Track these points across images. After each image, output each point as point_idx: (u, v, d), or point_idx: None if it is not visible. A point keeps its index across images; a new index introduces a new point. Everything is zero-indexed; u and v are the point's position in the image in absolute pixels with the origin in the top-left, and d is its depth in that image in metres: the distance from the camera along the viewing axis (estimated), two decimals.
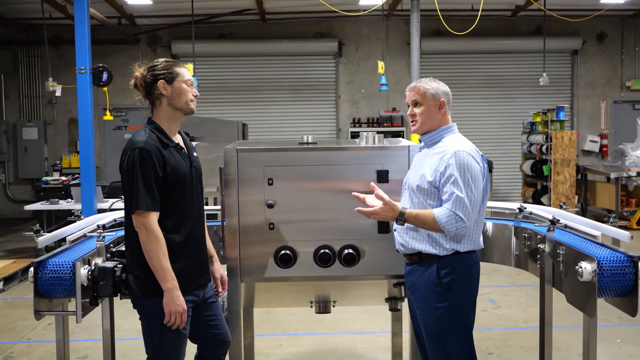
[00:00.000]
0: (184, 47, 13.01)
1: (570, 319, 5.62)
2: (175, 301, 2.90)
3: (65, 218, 9.08)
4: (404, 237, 3.11)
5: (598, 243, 3.25)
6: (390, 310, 3.76)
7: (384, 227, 3.39)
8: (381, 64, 10.57)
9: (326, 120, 14.07)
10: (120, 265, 3.04)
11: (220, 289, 3.36)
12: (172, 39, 13.49)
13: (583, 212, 11.64)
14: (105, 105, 9.87)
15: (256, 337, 4.75)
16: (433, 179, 2.99)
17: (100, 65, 8.25)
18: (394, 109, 13.63)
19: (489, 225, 4.08)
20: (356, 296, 3.89)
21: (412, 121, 3.17)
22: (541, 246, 3.51)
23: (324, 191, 3.38)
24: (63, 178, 10.39)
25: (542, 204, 10.09)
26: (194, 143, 8.57)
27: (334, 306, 3.86)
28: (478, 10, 10.50)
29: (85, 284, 3.05)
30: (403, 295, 3.57)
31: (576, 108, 14.13)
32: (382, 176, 3.36)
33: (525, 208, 3.89)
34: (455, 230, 2.92)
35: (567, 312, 5.14)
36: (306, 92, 14.00)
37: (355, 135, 13.06)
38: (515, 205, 4.01)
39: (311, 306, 3.87)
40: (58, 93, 9.83)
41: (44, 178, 10.49)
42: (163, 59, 3.12)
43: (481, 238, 3.12)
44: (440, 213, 2.93)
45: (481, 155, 3.08)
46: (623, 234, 3.29)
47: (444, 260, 3.02)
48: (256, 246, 3.40)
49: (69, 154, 13.69)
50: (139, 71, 3.07)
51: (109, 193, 9.63)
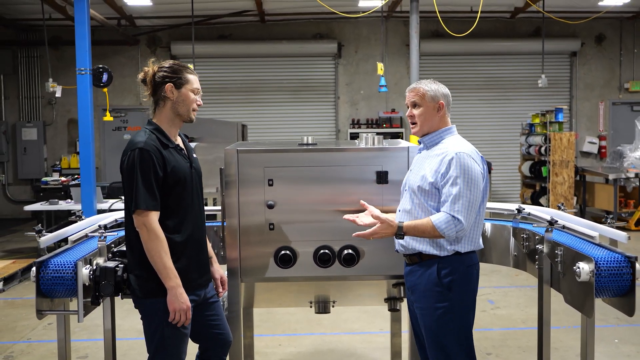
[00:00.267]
0: (184, 48, 13.03)
1: (568, 320, 5.65)
2: (179, 299, 2.93)
3: (64, 218, 9.10)
4: (405, 238, 3.12)
5: (596, 244, 3.27)
6: (389, 310, 3.77)
7: None
8: (380, 65, 10.59)
9: (325, 121, 14.09)
10: (121, 265, 3.07)
11: (220, 290, 3.38)
12: (172, 40, 13.50)
13: (582, 213, 11.67)
14: (104, 106, 9.91)
15: (256, 337, 4.77)
16: (434, 180, 3.01)
17: (100, 66, 8.26)
18: (393, 110, 13.64)
19: (488, 226, 4.10)
20: (355, 296, 3.91)
21: (412, 123, 3.19)
22: (539, 247, 3.53)
23: (324, 192, 3.39)
24: (63, 178, 10.40)
25: (541, 205, 10.12)
26: (194, 144, 8.60)
27: (334, 306, 3.88)
28: (477, 12, 10.52)
29: (86, 284, 3.07)
30: (402, 295, 3.59)
31: (575, 109, 14.17)
32: (382, 177, 3.38)
33: (523, 209, 3.91)
34: (455, 234, 2.94)
35: (565, 313, 5.18)
36: (305, 93, 14.02)
37: (354, 136, 13.08)
38: (513, 206, 4.03)
39: (311, 306, 3.89)
40: (58, 94, 9.83)
41: (44, 178, 10.49)
42: (173, 61, 3.13)
43: (481, 239, 3.14)
44: (438, 220, 2.94)
45: (481, 156, 3.10)
46: (620, 235, 3.31)
47: (445, 260, 3.04)
48: (256, 246, 3.41)
49: (69, 155, 13.70)
50: (151, 68, 3.08)
51: (109, 194, 9.65)
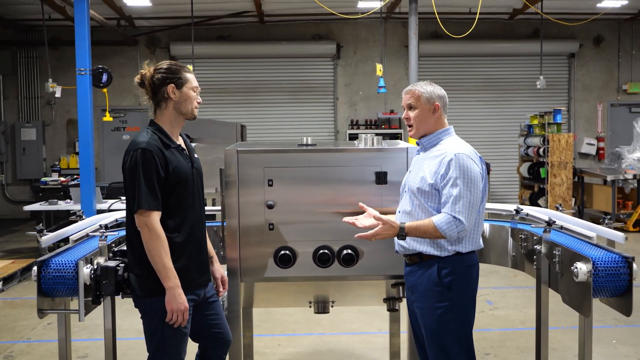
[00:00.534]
0: (183, 49, 13.05)
1: (566, 320, 5.67)
2: (177, 299, 2.94)
3: (63, 218, 9.11)
4: (406, 239, 3.13)
5: (593, 244, 3.30)
6: (388, 310, 3.79)
7: None
8: (379, 67, 10.60)
9: (324, 122, 14.11)
10: (122, 264, 3.09)
11: (220, 289, 3.40)
12: (171, 41, 13.52)
13: (580, 215, 11.69)
14: (103, 106, 9.91)
15: (255, 337, 4.78)
16: (434, 182, 3.02)
17: (100, 66, 8.27)
18: (392, 111, 13.66)
19: (486, 226, 4.12)
20: (355, 296, 3.92)
21: (409, 125, 3.21)
22: (537, 247, 3.55)
23: (324, 192, 3.41)
24: (62, 179, 10.41)
25: (539, 207, 10.14)
26: (193, 144, 8.60)
27: (333, 306, 3.89)
28: (476, 13, 10.55)
29: (87, 283, 3.09)
30: (401, 295, 3.60)
31: (573, 111, 14.20)
32: (381, 177, 3.40)
33: (521, 209, 3.93)
34: (457, 234, 2.95)
35: (563, 314, 5.20)
36: (304, 94, 14.04)
37: (353, 137, 13.10)
38: (511, 206, 4.05)
39: (310, 306, 3.90)
40: (58, 94, 9.84)
41: (43, 179, 10.50)
42: (169, 62, 3.14)
43: (481, 238, 3.16)
44: (440, 220, 2.95)
45: (479, 156, 3.12)
46: (618, 235, 3.33)
47: (445, 260, 3.05)
48: (256, 246, 3.43)
49: (67, 155, 13.71)
50: (147, 70, 3.10)
51: (108, 194, 9.66)
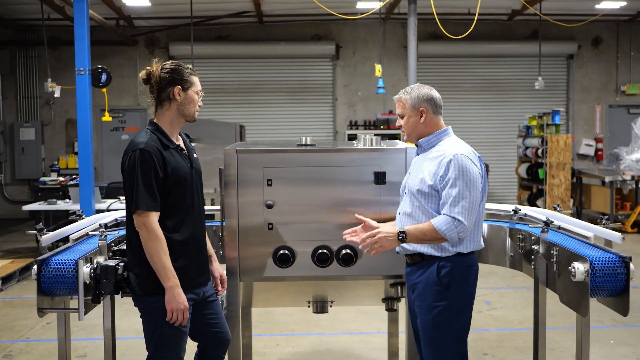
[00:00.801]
0: (182, 49, 13.05)
1: (564, 321, 5.69)
2: (176, 299, 2.95)
3: (62, 218, 9.13)
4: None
5: (590, 244, 3.31)
6: (386, 310, 3.79)
7: None
8: (378, 67, 10.61)
9: (323, 122, 14.12)
10: (122, 263, 3.10)
11: (219, 288, 3.41)
12: (170, 41, 13.52)
13: (578, 215, 11.71)
14: (102, 106, 9.90)
15: (254, 337, 4.79)
16: (433, 183, 3.03)
17: (99, 66, 8.29)
18: (391, 112, 13.67)
19: (485, 226, 4.12)
20: (353, 296, 3.94)
21: (403, 132, 3.25)
22: (535, 247, 3.56)
23: (323, 192, 3.42)
24: (61, 179, 10.41)
25: (538, 207, 10.16)
26: (192, 144, 8.61)
27: (331, 306, 3.90)
28: (475, 14, 10.55)
29: (87, 282, 3.10)
30: (399, 295, 3.61)
31: (571, 112, 14.23)
32: (380, 178, 3.41)
33: (519, 210, 3.94)
34: (457, 235, 2.96)
35: (561, 314, 5.22)
36: (303, 95, 14.05)
37: (352, 137, 13.11)
38: (510, 207, 4.06)
39: (309, 306, 3.91)
40: (57, 94, 9.83)
41: (42, 178, 10.50)
42: (176, 62, 3.13)
43: (481, 238, 3.17)
44: (439, 222, 2.96)
45: (478, 156, 3.13)
46: (615, 235, 3.35)
47: (445, 260, 3.06)
48: (255, 246, 3.44)
49: (66, 155, 13.71)
50: (155, 67, 3.08)
51: (107, 194, 9.67)
